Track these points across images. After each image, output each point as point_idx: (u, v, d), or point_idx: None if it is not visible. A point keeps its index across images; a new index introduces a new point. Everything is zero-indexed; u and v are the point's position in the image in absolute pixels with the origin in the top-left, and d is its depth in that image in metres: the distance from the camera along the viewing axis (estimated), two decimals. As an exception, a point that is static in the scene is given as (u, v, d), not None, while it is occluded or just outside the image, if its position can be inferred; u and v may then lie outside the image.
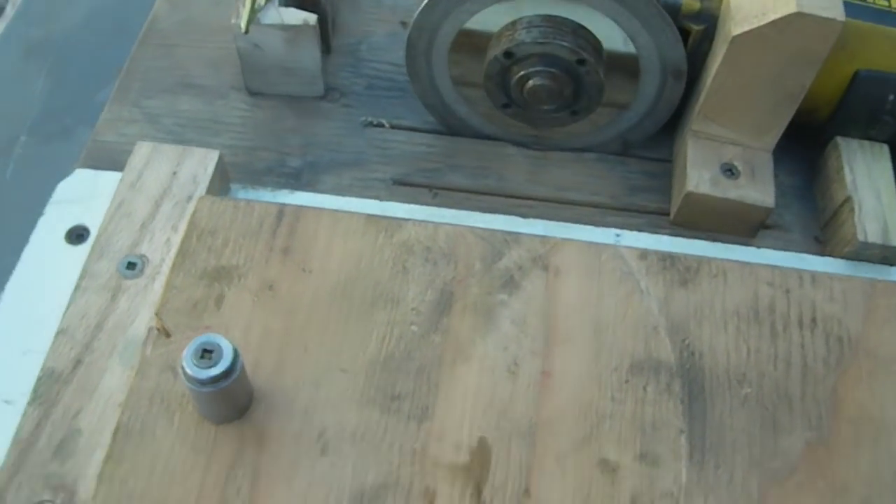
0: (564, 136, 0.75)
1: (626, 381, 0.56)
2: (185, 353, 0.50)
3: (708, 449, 0.54)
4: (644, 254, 0.61)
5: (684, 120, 0.74)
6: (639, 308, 0.59)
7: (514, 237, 0.61)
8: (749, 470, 0.54)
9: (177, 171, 0.65)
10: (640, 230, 0.71)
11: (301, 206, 0.62)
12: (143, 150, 0.67)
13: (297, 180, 0.73)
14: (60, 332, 0.59)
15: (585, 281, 0.60)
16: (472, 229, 0.61)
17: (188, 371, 0.49)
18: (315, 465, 0.52)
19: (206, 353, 0.50)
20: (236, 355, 0.50)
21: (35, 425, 0.56)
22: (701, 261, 0.61)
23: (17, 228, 0.69)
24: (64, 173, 0.72)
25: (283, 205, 0.62)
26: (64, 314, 0.60)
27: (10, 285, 0.65)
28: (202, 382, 0.50)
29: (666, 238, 0.70)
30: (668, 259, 0.61)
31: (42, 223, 0.68)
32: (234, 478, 0.52)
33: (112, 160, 0.72)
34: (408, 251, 0.60)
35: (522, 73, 0.68)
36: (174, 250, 0.61)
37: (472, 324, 0.57)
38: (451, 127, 0.76)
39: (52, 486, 0.54)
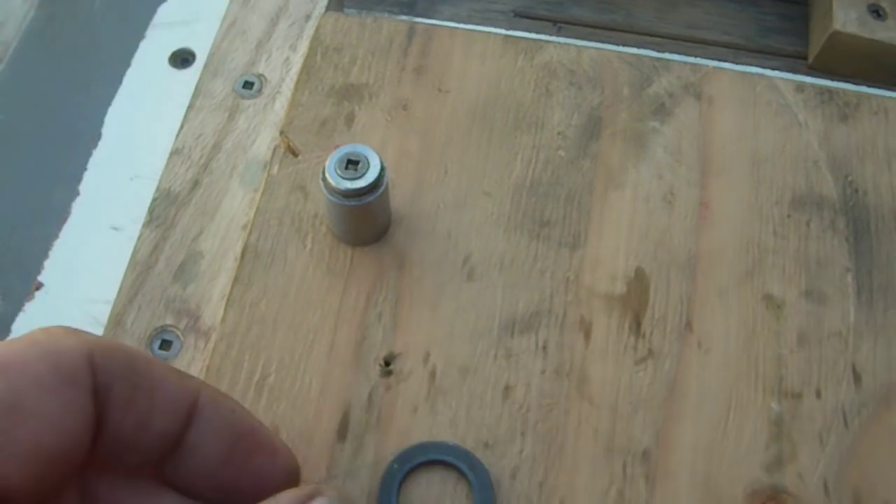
0: (694, -28, 0.69)
1: (788, 216, 0.52)
2: (328, 162, 0.45)
3: (876, 289, 0.50)
4: (801, 86, 0.56)
5: (827, -43, 0.68)
6: (797, 142, 0.54)
7: (664, 63, 0.56)
8: (919, 314, 0.50)
9: (292, -10, 0.61)
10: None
11: (433, 25, 0.57)
12: (253, -33, 0.62)
13: (410, 9, 0.68)
14: (175, 153, 0.55)
15: (740, 111, 0.55)
16: (619, 54, 0.56)
17: (331, 181, 0.45)
18: (461, 290, 0.49)
19: (352, 164, 0.46)
20: (383, 168, 0.46)
21: (153, 248, 0.52)
22: (860, 96, 0.56)
23: (110, 58, 0.64)
24: (151, 2, 0.67)
25: (414, 22, 0.57)
26: (178, 134, 0.56)
27: (113, 110, 0.60)
28: (346, 195, 0.46)
29: (809, 80, 0.65)
30: (827, 93, 0.56)
31: (144, 47, 0.63)
32: (375, 302, 0.48)
33: (210, -14, 0.68)
34: (550, 74, 0.55)
35: None
36: (294, 70, 0.57)
37: (623, 150, 0.53)
38: (572, -41, 0.71)
39: (175, 311, 0.50)
